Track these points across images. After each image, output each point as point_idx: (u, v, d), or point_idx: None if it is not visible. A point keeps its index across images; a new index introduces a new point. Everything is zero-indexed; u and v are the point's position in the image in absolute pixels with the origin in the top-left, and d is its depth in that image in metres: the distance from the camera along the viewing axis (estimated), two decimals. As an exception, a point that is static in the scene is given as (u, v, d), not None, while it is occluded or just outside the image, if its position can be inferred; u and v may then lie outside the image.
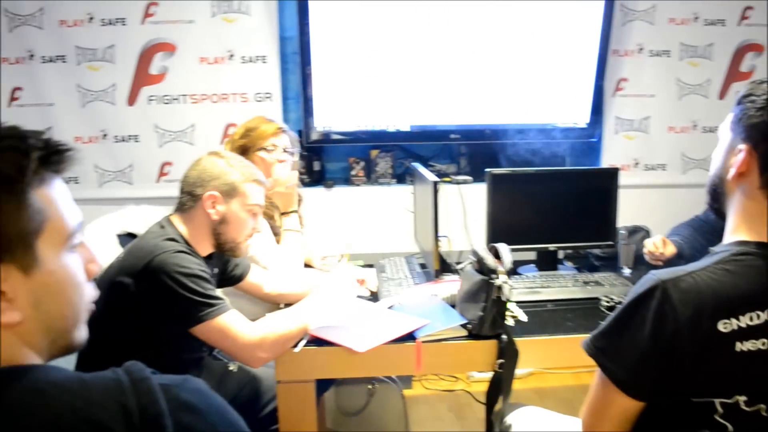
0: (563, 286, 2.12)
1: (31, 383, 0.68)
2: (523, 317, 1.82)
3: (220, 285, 1.96)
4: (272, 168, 2.26)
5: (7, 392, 0.66)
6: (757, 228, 1.08)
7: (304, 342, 1.66)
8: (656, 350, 1.03)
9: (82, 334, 0.80)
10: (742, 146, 1.08)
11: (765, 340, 1.01)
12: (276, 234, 2.32)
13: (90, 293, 0.81)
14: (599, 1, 3.21)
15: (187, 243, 1.71)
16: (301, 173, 2.48)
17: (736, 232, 1.11)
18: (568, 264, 2.44)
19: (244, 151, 2.19)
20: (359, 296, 1.98)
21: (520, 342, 1.67)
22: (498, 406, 1.71)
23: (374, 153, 3.34)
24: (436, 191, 2.00)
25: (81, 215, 0.78)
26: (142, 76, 3.16)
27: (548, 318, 1.91)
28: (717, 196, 1.17)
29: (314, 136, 3.21)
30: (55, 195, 0.74)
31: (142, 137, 3.22)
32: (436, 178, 2.02)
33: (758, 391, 1.02)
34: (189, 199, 1.74)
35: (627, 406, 1.10)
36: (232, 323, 1.62)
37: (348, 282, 1.89)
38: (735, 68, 3.50)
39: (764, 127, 1.06)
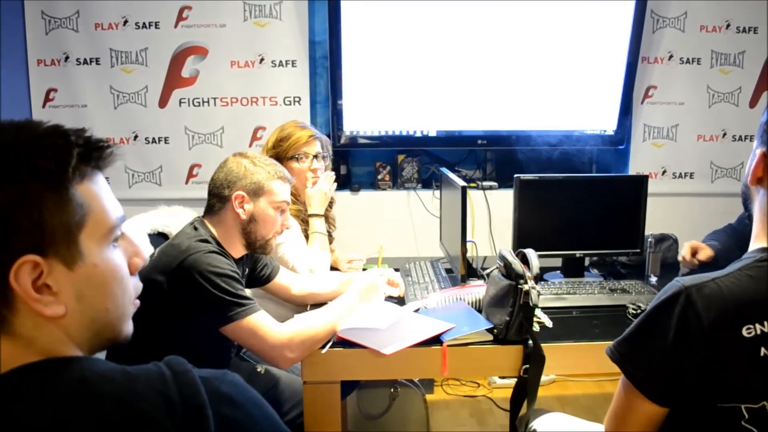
0: (589, 292, 2.11)
1: (76, 373, 0.70)
2: (549, 323, 1.82)
3: (249, 285, 1.99)
4: (304, 177, 2.33)
5: (54, 382, 0.68)
6: None
7: (330, 343, 1.68)
8: (680, 355, 1.04)
9: (128, 327, 0.82)
10: (759, 150, 1.10)
11: None
12: (306, 237, 2.35)
13: (135, 287, 0.83)
14: (629, 8, 3.20)
15: (219, 244, 1.74)
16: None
17: (758, 238, 1.12)
18: (594, 271, 2.42)
19: (277, 160, 2.22)
20: (389, 297, 1.99)
21: (546, 347, 1.68)
22: (523, 412, 1.71)
23: (401, 157, 3.36)
24: (464, 197, 2.00)
25: (122, 209, 0.80)
26: (174, 79, 3.21)
27: (574, 324, 1.90)
28: (746, 203, 1.18)
29: (341, 140, 3.24)
30: (97, 190, 0.76)
31: (172, 139, 3.27)
32: (465, 184, 2.03)
33: None
34: (217, 201, 1.78)
35: (651, 412, 1.11)
36: (261, 323, 1.64)
37: (380, 283, 1.91)
38: (766, 76, 3.46)
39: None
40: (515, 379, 1.72)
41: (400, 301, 2.04)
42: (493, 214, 3.27)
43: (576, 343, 1.75)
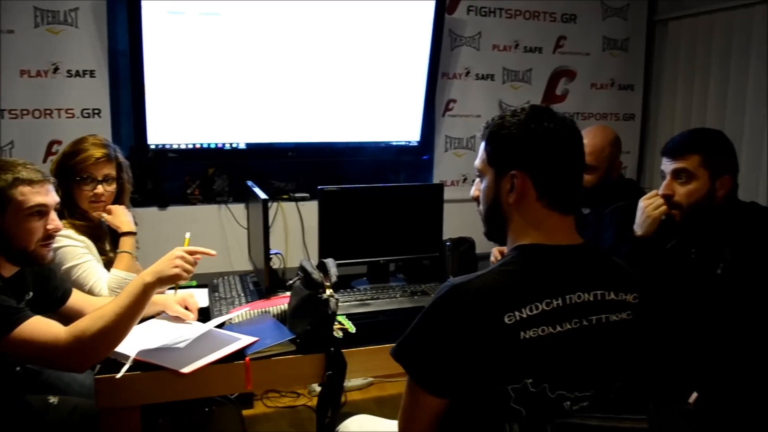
0: (392, 297, 2.21)
1: None
2: (353, 329, 1.87)
3: (39, 310, 1.84)
4: (87, 200, 2.20)
5: None
6: (532, 234, 1.24)
7: (126, 367, 1.61)
8: (453, 347, 1.14)
9: None
10: (514, 172, 1.23)
11: (544, 327, 1.15)
12: (104, 256, 2.24)
13: None
14: (429, 27, 3.38)
15: None
16: (132, 193, 2.41)
17: (516, 241, 1.27)
18: (400, 276, 2.54)
19: (63, 177, 2.09)
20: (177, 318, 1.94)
21: (352, 352, 1.75)
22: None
23: (211, 171, 3.30)
24: (266, 209, 2.02)
25: None
26: (-47, 88, 2.91)
27: (378, 328, 1.99)
28: (497, 223, 1.31)
29: (147, 154, 3.11)
30: None
31: (-48, 155, 2.97)
32: (266, 196, 2.05)
33: (541, 373, 1.15)
34: None
35: (433, 405, 1.20)
36: (38, 329, 1.51)
37: (177, 253, 1.74)
38: (551, 92, 3.86)
39: (525, 151, 1.23)
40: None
41: (205, 316, 2.01)
42: (306, 225, 3.31)
43: (380, 346, 1.82)
